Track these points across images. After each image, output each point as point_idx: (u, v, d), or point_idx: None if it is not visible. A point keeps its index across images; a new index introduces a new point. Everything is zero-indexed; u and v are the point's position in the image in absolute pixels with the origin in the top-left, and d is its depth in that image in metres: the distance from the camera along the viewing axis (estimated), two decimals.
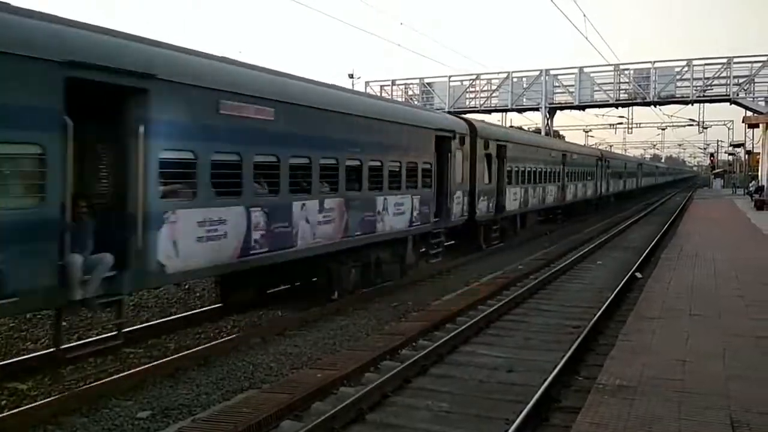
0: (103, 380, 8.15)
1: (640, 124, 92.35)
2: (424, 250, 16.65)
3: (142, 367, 8.77)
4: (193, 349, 9.66)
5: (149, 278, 8.39)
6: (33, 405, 7.36)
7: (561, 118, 67.10)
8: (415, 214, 15.21)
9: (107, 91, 7.70)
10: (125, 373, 8.45)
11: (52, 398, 7.59)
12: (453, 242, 20.41)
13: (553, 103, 43.58)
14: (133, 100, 7.90)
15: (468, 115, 30.19)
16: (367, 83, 46.04)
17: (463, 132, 18.40)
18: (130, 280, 8.02)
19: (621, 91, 42.41)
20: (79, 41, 7.36)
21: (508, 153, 22.21)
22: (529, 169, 25.30)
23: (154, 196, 8.13)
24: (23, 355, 9.36)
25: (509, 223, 23.87)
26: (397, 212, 14.34)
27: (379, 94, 39.58)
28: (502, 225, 22.71)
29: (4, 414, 7.12)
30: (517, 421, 6.45)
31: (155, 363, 8.95)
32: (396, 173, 14.29)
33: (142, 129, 7.81)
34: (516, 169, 23.46)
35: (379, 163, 13.59)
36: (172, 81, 8.35)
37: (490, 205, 20.97)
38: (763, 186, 38.66)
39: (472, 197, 19.32)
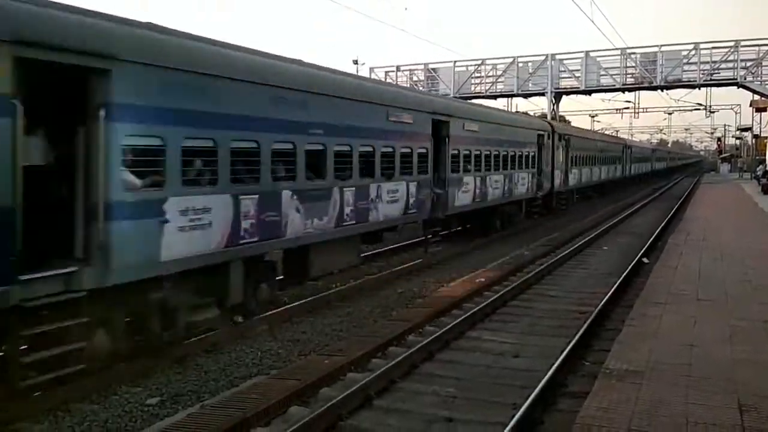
0: (112, 367, 8.19)
1: (646, 108, 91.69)
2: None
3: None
4: (201, 336, 9.70)
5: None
6: (43, 392, 7.40)
7: (567, 103, 66.78)
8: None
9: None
10: (134, 361, 8.50)
11: (62, 385, 7.63)
12: (460, 228, 20.86)
13: (559, 88, 43.27)
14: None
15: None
16: (371, 69, 45.84)
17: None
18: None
19: (627, 76, 42.05)
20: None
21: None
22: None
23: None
24: None
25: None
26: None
27: (384, 80, 39.42)
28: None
29: (16, 401, 7.16)
30: (524, 406, 6.46)
31: (164, 350, 8.99)
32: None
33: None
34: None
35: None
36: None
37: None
38: None
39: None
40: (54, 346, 6.91)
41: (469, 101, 30.80)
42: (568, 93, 44.30)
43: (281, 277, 11.21)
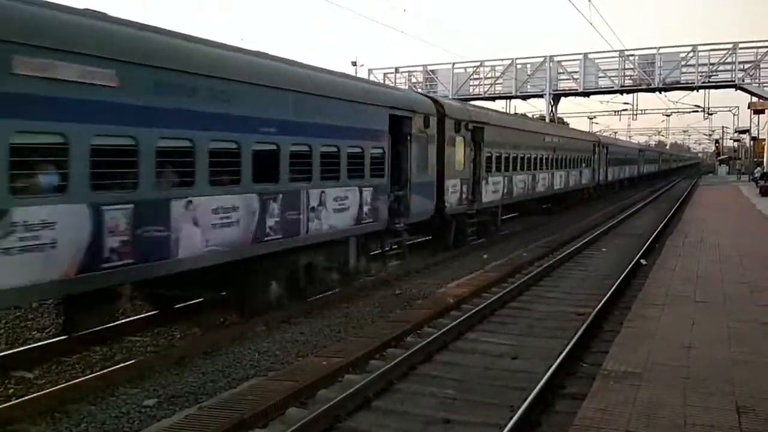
0: (110, 368, 8.18)
1: (645, 110, 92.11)
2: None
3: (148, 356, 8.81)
4: (199, 337, 9.69)
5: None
6: (40, 393, 7.40)
7: (565, 105, 66.77)
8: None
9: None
10: (131, 362, 8.49)
11: (60, 387, 7.63)
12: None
13: (557, 90, 43.42)
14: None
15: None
16: (370, 71, 45.92)
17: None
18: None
19: (626, 78, 42.24)
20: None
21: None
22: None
23: None
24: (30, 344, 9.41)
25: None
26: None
27: (382, 81, 39.45)
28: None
29: (12, 402, 7.16)
30: (522, 408, 6.46)
31: (161, 351, 8.99)
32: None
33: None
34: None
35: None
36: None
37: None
38: None
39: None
40: None
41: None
42: (566, 95, 44.44)
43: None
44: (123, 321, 10.11)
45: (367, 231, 13.20)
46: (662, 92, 44.18)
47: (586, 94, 44.63)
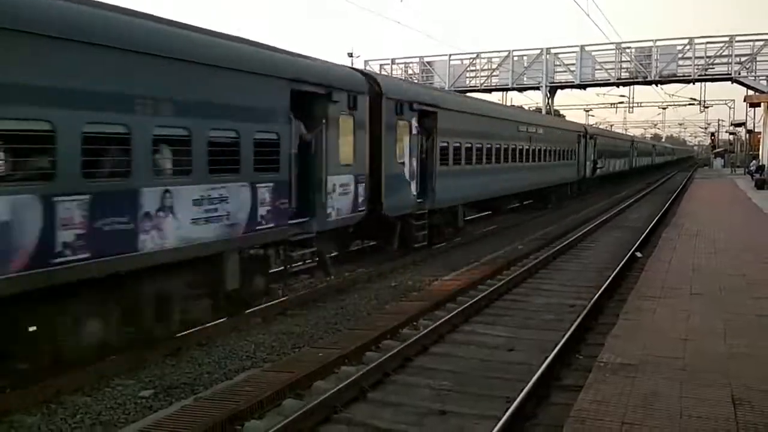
0: (105, 359, 8.16)
1: (641, 103, 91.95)
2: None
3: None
4: (195, 329, 9.67)
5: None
6: (36, 384, 7.37)
7: (561, 97, 66.81)
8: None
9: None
10: (127, 353, 8.46)
11: (55, 378, 7.59)
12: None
13: (553, 82, 43.36)
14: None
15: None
16: (366, 62, 45.73)
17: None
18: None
19: (622, 70, 42.20)
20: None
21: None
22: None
23: None
24: None
25: None
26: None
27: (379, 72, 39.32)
28: None
29: (8, 393, 7.13)
30: (518, 399, 6.46)
31: (157, 342, 8.96)
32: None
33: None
34: None
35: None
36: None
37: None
38: (764, 165, 38.54)
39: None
40: None
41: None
42: (562, 87, 44.37)
43: None
44: None
45: (255, 243, 10.12)
46: (659, 85, 44.20)
47: (583, 87, 44.56)
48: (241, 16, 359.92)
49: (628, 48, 41.87)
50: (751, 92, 41.63)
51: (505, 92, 46.38)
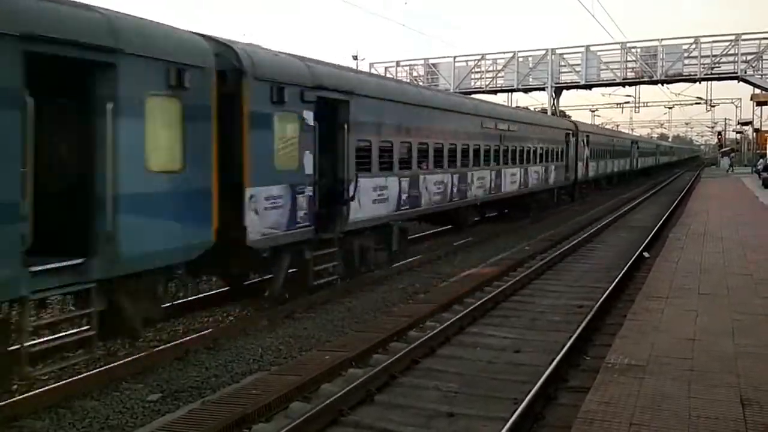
0: (113, 364, 8.19)
1: (647, 102, 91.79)
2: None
3: (152, 351, 8.80)
4: (202, 333, 9.69)
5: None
6: (44, 389, 7.40)
7: (567, 98, 66.62)
8: None
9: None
10: (135, 357, 8.49)
11: (63, 382, 7.63)
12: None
13: (559, 83, 43.36)
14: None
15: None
16: (371, 65, 45.82)
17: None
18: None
19: (628, 70, 42.13)
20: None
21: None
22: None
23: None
24: None
25: None
26: None
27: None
28: None
29: (16, 398, 7.17)
30: (525, 401, 6.45)
31: (165, 346, 8.99)
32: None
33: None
34: None
35: None
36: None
37: None
38: None
39: None
40: None
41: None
42: (568, 87, 44.35)
43: None
44: None
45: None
46: (664, 84, 44.11)
47: (588, 87, 44.52)
48: (246, 16, 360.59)
49: (634, 48, 41.82)
50: (757, 91, 41.47)
51: (510, 93, 46.41)
